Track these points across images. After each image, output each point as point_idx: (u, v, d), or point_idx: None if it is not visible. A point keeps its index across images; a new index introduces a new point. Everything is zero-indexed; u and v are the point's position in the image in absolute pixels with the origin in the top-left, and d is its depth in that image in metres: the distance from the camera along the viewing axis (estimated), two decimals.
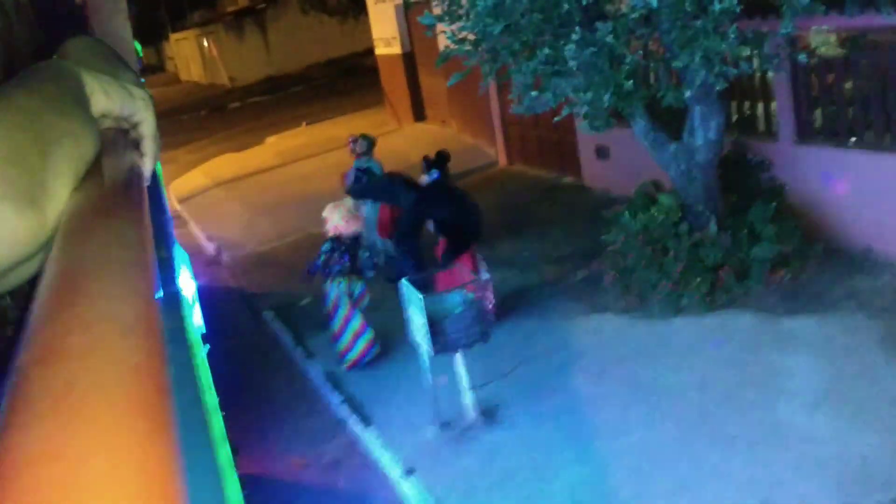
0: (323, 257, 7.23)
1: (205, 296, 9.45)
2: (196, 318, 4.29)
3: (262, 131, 20.75)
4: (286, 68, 33.18)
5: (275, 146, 19.06)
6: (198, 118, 27.01)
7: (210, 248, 12.35)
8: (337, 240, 7.26)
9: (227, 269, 11.34)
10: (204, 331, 4.91)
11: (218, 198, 15.28)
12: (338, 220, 7.28)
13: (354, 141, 9.99)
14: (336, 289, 7.24)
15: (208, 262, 11.85)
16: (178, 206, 15.21)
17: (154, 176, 0.89)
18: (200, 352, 1.59)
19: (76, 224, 0.49)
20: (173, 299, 1.21)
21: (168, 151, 19.86)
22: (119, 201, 0.55)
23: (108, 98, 0.66)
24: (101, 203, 0.53)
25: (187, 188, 16.52)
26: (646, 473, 5.21)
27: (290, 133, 20.13)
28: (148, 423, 0.36)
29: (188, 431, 0.96)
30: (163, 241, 1.39)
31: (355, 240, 7.40)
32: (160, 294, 0.50)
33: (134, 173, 0.65)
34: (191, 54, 40.81)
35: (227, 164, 18.07)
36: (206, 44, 37.14)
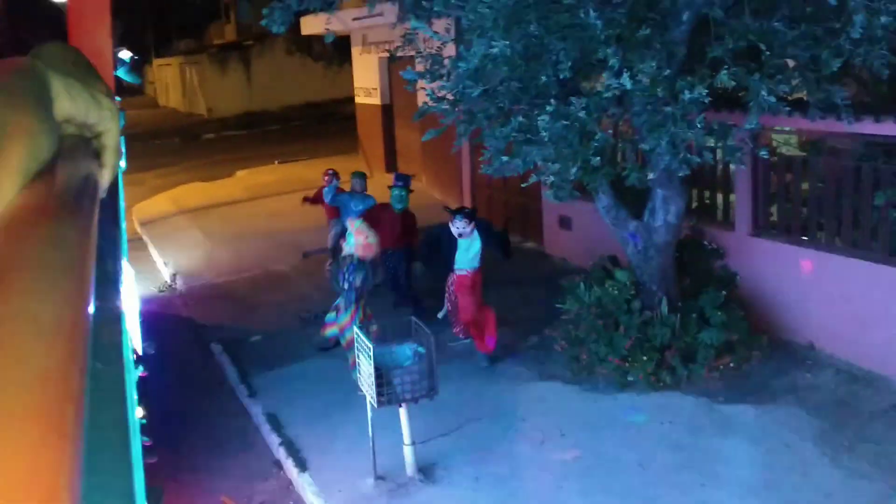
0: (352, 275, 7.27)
1: (154, 322, 9.34)
2: (135, 339, 4.24)
3: (234, 164, 20.74)
4: (265, 106, 33.34)
5: (244, 180, 19.04)
6: (171, 144, 26.94)
7: (166, 274, 12.23)
8: (361, 261, 7.28)
9: (180, 298, 11.21)
10: (141, 353, 4.85)
11: (181, 225, 15.17)
12: (371, 240, 7.31)
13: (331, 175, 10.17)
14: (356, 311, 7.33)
15: (162, 288, 11.72)
16: (139, 229, 15.07)
17: (113, 190, 0.89)
18: (131, 372, 1.57)
19: (16, 221, 0.47)
20: (111, 315, 1.21)
21: (136, 174, 19.69)
22: (67, 206, 0.53)
23: (72, 102, 0.65)
24: (46, 204, 0.51)
25: (151, 212, 16.39)
26: None
27: (261, 169, 20.15)
28: (43, 431, 0.34)
29: (105, 450, 0.95)
30: (110, 255, 1.39)
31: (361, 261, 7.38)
32: (95, 305, 0.49)
33: (89, 182, 0.63)
34: (172, 81, 40.85)
35: (194, 192, 17.99)
36: (188, 72, 37.22)
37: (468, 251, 7.94)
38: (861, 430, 6.28)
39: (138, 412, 4.94)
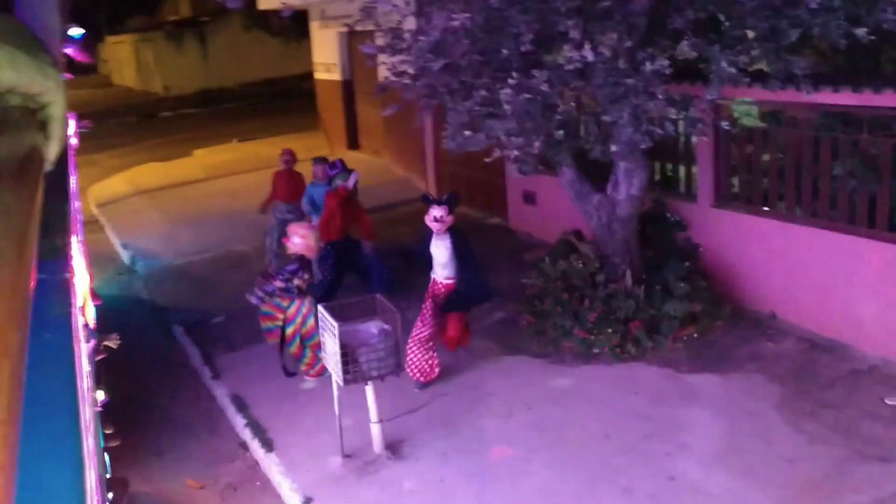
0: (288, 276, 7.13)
1: (114, 305, 9.18)
2: (88, 314, 4.16)
3: (191, 143, 20.41)
4: (222, 83, 32.79)
5: (202, 159, 18.74)
6: (126, 124, 26.40)
7: (125, 256, 12.01)
8: (303, 259, 7.16)
9: (140, 280, 11.02)
10: (93, 327, 4.77)
11: (138, 206, 14.90)
12: (312, 241, 7.17)
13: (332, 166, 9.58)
14: (303, 307, 7.18)
15: (121, 270, 11.51)
16: (95, 211, 14.77)
17: (62, 164, 0.89)
18: (81, 344, 1.57)
19: None
20: (59, 287, 1.20)
21: (90, 154, 19.25)
22: (9, 176, 0.54)
23: (16, 72, 0.65)
24: None
25: (107, 193, 16.06)
26: None
27: (219, 148, 19.85)
28: None
29: (49, 415, 0.95)
30: (59, 230, 1.37)
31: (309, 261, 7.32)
32: (43, 277, 0.49)
33: (33, 153, 0.64)
34: (126, 59, 39.97)
35: (151, 172, 17.67)
36: (143, 50, 36.46)
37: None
38: (822, 396, 6.39)
39: (99, 395, 4.85)
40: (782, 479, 5.38)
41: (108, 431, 5.67)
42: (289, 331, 7.17)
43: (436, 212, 6.73)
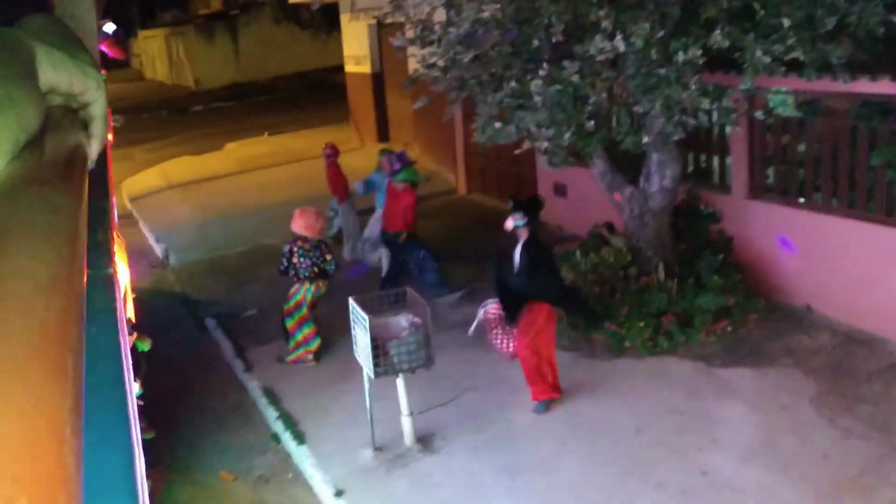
0: (287, 259, 7.43)
1: (148, 298, 9.29)
2: (127, 308, 4.24)
3: (223, 137, 20.55)
4: (253, 76, 32.99)
5: (234, 153, 18.87)
6: (159, 118, 26.67)
7: (158, 249, 12.14)
8: (304, 241, 7.38)
9: (173, 273, 11.14)
10: (134, 321, 4.84)
11: (171, 200, 15.05)
12: (310, 220, 7.43)
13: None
14: (302, 291, 7.46)
15: (155, 263, 11.64)
16: (129, 205, 14.94)
17: (102, 161, 0.90)
18: (125, 338, 1.60)
19: (8, 188, 0.50)
20: (103, 281, 1.23)
21: (124, 148, 19.51)
22: (57, 175, 0.56)
23: (57, 73, 0.65)
24: (37, 175, 0.53)
25: (140, 187, 16.24)
26: None
27: (250, 141, 19.97)
28: (45, 373, 0.38)
29: (101, 407, 0.99)
30: (100, 225, 1.41)
31: (320, 242, 7.42)
32: (87, 272, 0.52)
33: (77, 152, 0.65)
34: (158, 53, 40.35)
35: (183, 166, 17.83)
36: (174, 44, 36.78)
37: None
38: (857, 391, 6.29)
39: (135, 388, 4.91)
40: (817, 475, 5.31)
41: (142, 424, 5.74)
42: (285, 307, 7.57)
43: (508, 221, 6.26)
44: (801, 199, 7.59)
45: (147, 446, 5.87)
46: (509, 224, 6.24)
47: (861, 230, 7.00)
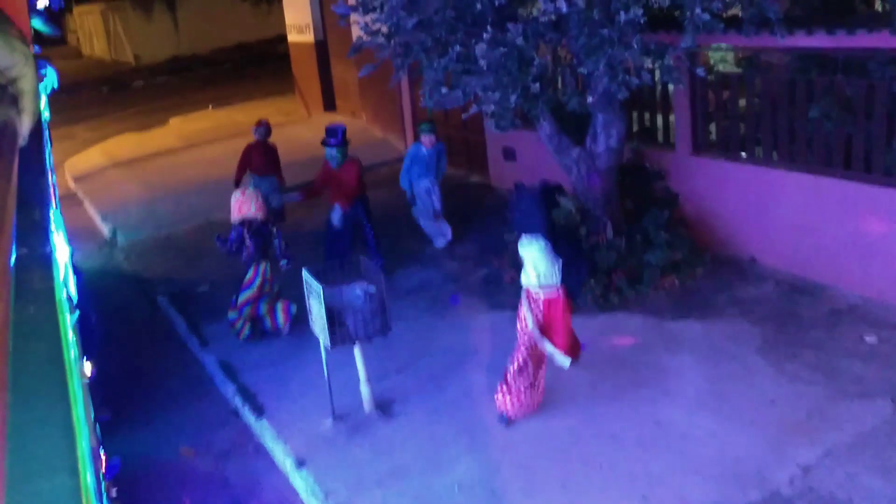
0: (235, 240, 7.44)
1: (97, 278, 9.15)
2: (69, 286, 4.17)
3: (166, 112, 20.18)
4: (194, 49, 32.31)
5: (178, 128, 18.54)
6: (99, 95, 26.03)
7: (105, 229, 11.92)
8: (248, 224, 7.37)
9: (122, 253, 10.97)
10: (76, 300, 4.78)
11: (116, 178, 14.76)
12: (252, 205, 7.39)
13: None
14: (256, 271, 7.50)
15: (102, 243, 11.44)
16: (72, 185, 14.62)
17: (37, 137, 0.89)
18: (66, 315, 1.59)
19: None
20: (43, 260, 1.21)
21: (65, 127, 19.05)
22: None
23: None
24: None
25: (84, 166, 15.89)
26: (534, 468, 5.32)
27: (195, 115, 19.64)
28: None
29: (39, 386, 0.98)
30: (38, 204, 1.38)
31: (264, 225, 7.36)
32: (24, 251, 0.49)
33: (6, 128, 0.63)
34: (95, 29, 39.24)
35: (127, 143, 17.47)
36: (112, 19, 35.78)
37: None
38: (802, 337, 6.50)
39: (87, 368, 4.86)
40: (765, 420, 5.49)
41: (96, 405, 5.69)
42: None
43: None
44: (743, 154, 7.75)
45: (104, 426, 5.84)
46: None
47: (801, 181, 7.19)
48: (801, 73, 7.07)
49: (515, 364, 5.69)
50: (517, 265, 7.67)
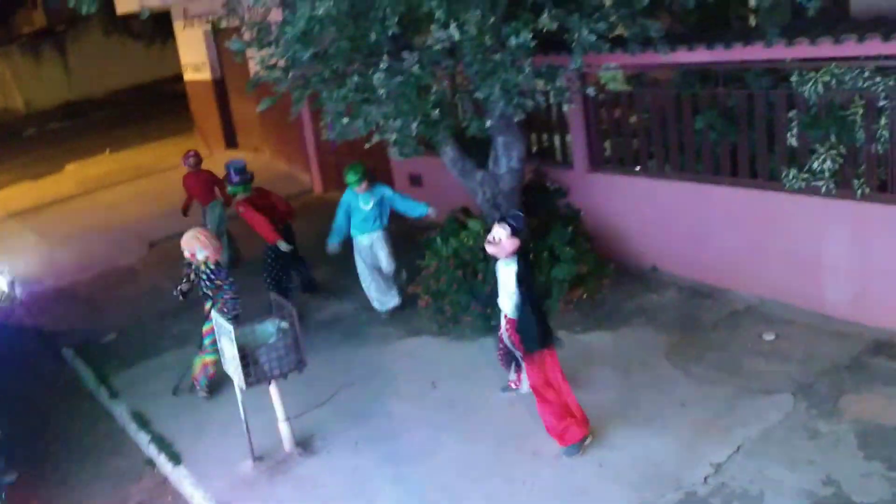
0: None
1: None
2: None
3: (61, 158, 19.60)
4: (88, 93, 31.39)
5: (75, 174, 18.03)
6: None
7: (3, 282, 11.44)
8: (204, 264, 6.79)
9: (22, 306, 10.54)
10: None
11: (12, 229, 14.22)
12: (216, 244, 6.82)
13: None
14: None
15: (0, 298, 10.97)
16: None
17: None
18: None
19: None
20: None
21: None
22: None
23: None
24: None
25: None
26: (459, 490, 5.35)
27: (92, 160, 19.16)
28: None
29: None
30: None
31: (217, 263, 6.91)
32: None
33: None
34: None
35: (21, 193, 16.89)
36: None
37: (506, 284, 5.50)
38: (706, 339, 6.76)
39: None
40: (677, 423, 5.68)
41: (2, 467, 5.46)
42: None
43: (494, 231, 5.38)
44: (638, 168, 8.04)
45: (13, 490, 5.60)
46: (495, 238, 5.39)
47: (694, 191, 7.50)
48: (686, 88, 7.41)
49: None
50: (431, 290, 7.75)
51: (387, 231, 8.09)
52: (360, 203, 7.95)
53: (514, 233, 5.31)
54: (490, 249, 5.44)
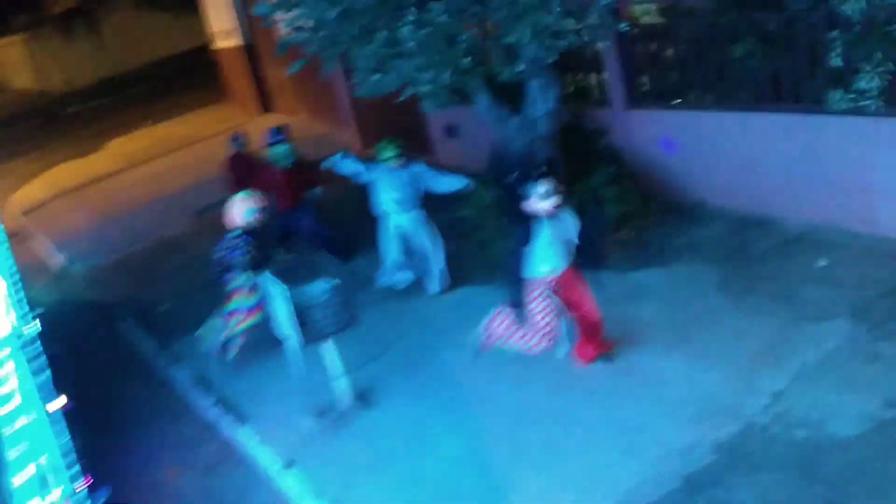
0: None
1: (57, 310, 9.05)
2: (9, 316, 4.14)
3: (104, 135, 19.87)
4: (123, 68, 31.71)
5: (119, 149, 18.30)
6: (32, 127, 25.48)
7: (60, 259, 11.78)
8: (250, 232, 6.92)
9: (80, 281, 10.85)
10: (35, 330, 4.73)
11: (64, 207, 14.56)
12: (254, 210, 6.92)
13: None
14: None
15: (59, 275, 11.30)
16: (22, 219, 14.40)
17: None
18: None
19: None
20: None
21: (2, 165, 18.76)
22: None
23: None
24: None
25: (30, 200, 15.67)
26: (518, 433, 5.42)
27: (134, 135, 19.39)
28: None
29: None
30: None
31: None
32: None
33: None
34: (17, 60, 38.25)
35: (69, 171, 17.21)
36: (34, 48, 34.95)
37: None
38: (757, 270, 6.68)
39: (61, 400, 4.84)
40: (733, 354, 5.65)
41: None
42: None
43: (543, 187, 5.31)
44: (677, 101, 7.89)
45: (86, 458, 5.81)
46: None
47: (735, 120, 7.35)
48: (722, 15, 7.20)
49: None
50: (475, 240, 7.77)
51: (424, 211, 7.65)
52: (393, 182, 7.47)
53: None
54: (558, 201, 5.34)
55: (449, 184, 7.56)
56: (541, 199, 5.31)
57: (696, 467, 4.76)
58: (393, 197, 7.50)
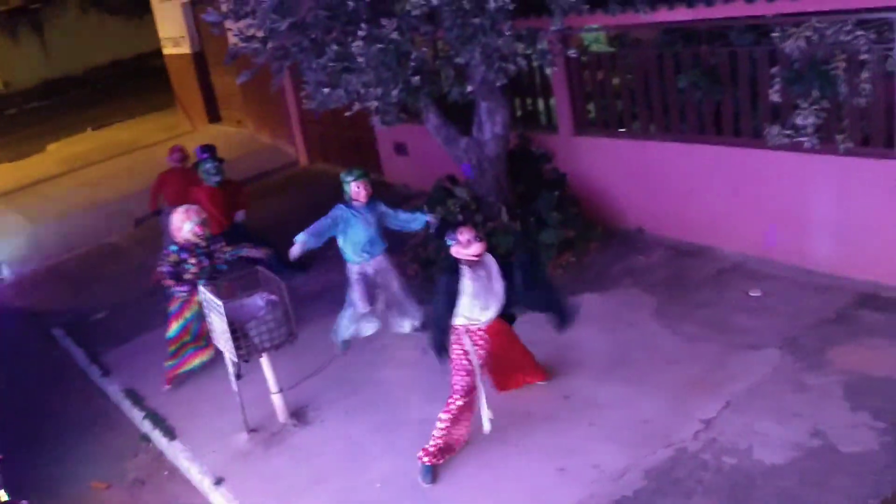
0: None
1: None
2: None
3: (43, 138, 19.41)
4: (67, 71, 30.97)
5: (58, 153, 17.89)
6: None
7: None
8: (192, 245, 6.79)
9: (10, 288, 10.51)
10: None
11: None
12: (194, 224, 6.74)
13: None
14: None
15: None
16: None
17: None
18: None
19: None
20: None
21: None
22: None
23: None
24: None
25: None
26: (455, 458, 5.39)
27: (73, 139, 19.00)
28: None
29: None
30: None
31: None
32: None
33: None
34: None
35: (4, 174, 16.76)
36: None
37: None
38: (694, 297, 6.80)
39: None
40: (667, 380, 5.73)
41: None
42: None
43: (464, 235, 5.17)
44: (622, 130, 8.03)
45: (6, 470, 5.62)
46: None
47: (678, 150, 7.49)
48: (668, 47, 7.37)
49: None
50: (418, 258, 7.77)
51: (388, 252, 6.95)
52: (361, 222, 6.60)
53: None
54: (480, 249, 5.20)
55: (411, 221, 6.86)
56: (462, 248, 5.17)
57: (627, 492, 4.80)
58: (362, 240, 6.67)
